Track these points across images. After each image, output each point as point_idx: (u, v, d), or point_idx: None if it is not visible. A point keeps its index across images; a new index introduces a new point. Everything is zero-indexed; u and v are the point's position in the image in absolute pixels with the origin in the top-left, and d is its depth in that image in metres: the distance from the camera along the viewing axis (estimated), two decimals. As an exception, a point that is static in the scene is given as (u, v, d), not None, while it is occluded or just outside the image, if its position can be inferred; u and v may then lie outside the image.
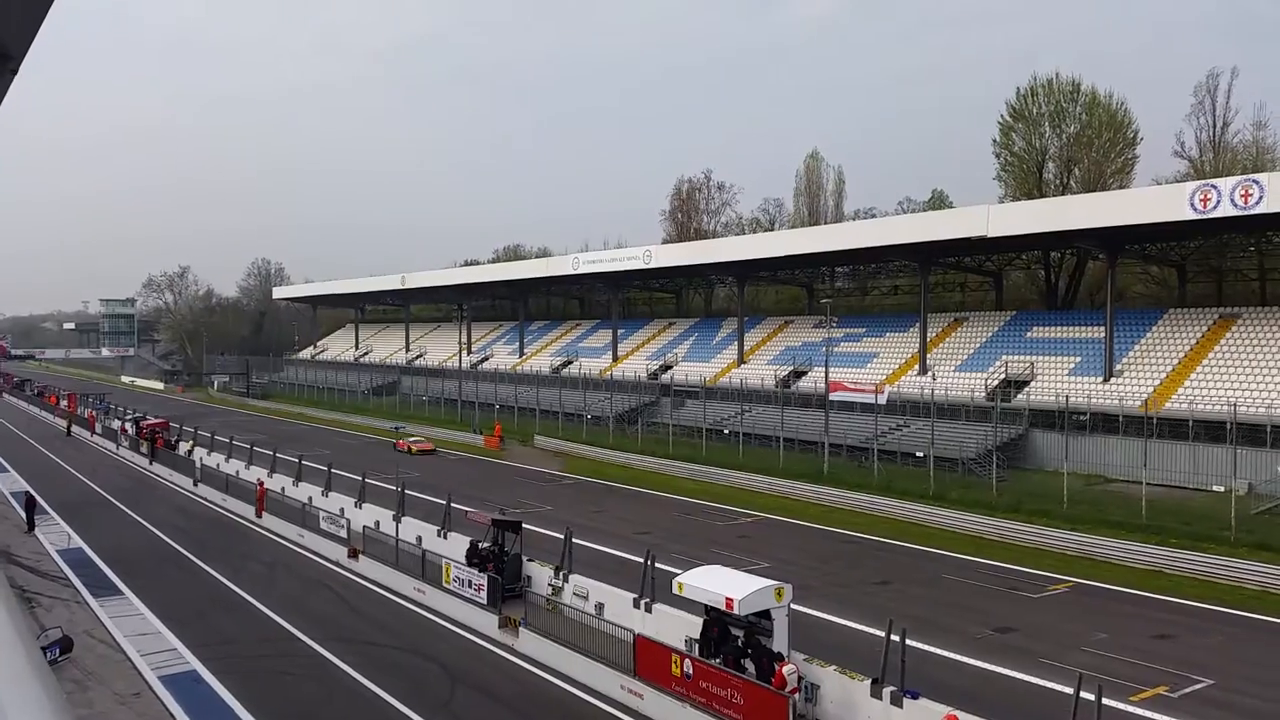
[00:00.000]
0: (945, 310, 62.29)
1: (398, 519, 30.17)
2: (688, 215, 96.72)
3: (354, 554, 29.46)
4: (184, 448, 52.92)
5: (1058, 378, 48.22)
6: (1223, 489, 35.66)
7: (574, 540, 24.20)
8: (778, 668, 16.51)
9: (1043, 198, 58.14)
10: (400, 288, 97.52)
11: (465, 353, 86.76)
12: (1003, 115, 66.47)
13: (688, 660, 17.60)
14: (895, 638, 15.65)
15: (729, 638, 18.09)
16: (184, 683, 19.55)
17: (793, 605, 17.76)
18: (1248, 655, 21.47)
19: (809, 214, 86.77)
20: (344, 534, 30.72)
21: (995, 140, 67.35)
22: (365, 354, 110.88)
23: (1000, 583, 27.68)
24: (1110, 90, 63.64)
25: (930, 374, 53.48)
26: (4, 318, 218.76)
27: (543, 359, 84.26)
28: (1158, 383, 44.43)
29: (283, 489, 38.40)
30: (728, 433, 54.80)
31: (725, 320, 74.63)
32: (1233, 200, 38.00)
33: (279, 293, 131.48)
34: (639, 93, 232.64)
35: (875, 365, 57.77)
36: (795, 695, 16.08)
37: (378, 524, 30.79)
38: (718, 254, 65.21)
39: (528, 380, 75.78)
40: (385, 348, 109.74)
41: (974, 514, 35.58)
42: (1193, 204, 39.24)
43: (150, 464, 51.54)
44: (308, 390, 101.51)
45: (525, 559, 25.14)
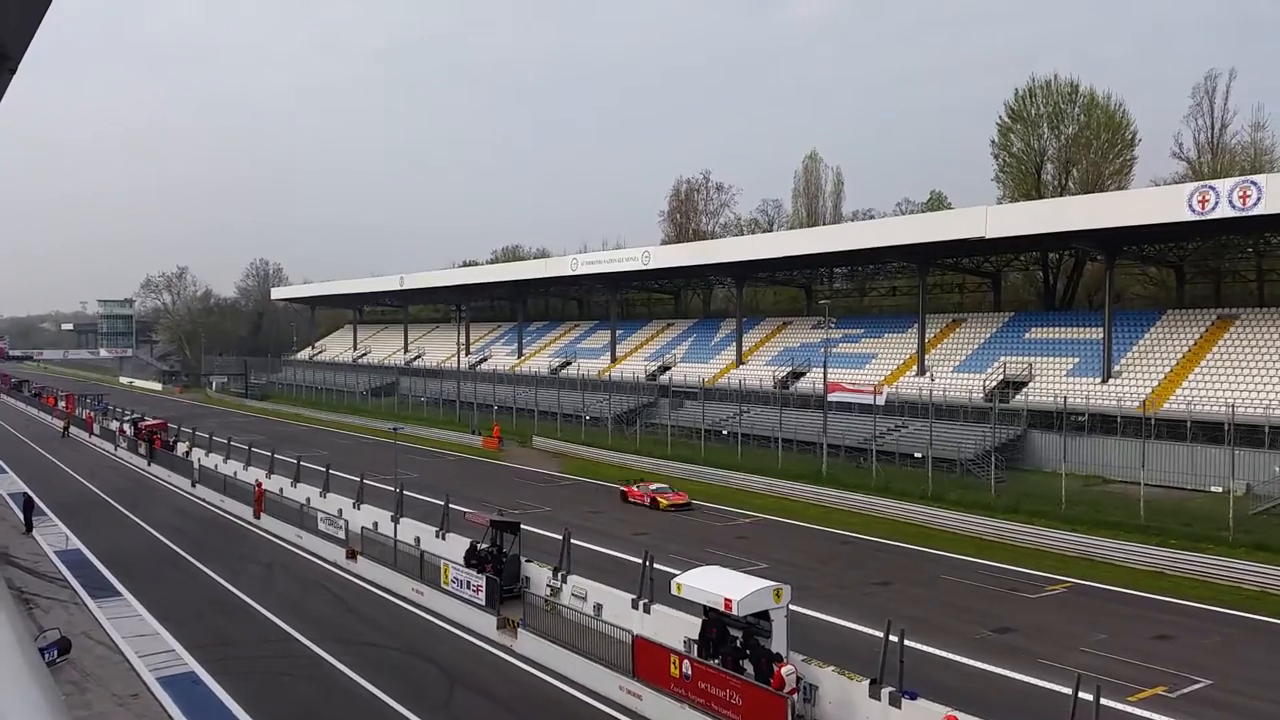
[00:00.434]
0: (943, 311, 62.28)
1: (396, 520, 30.15)
2: (686, 216, 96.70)
3: (352, 555, 29.44)
4: (182, 448, 52.88)
5: (1056, 378, 48.24)
6: (1221, 489, 35.68)
7: (572, 541, 24.20)
8: (776, 668, 16.50)
9: (1041, 199, 58.18)
10: (399, 288, 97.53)
11: (464, 353, 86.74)
12: (1001, 116, 66.56)
13: (686, 661, 17.59)
14: (894, 638, 15.64)
15: (727, 638, 18.08)
16: (182, 684, 19.54)
17: (791, 606, 17.74)
18: (1247, 656, 21.49)
19: (807, 215, 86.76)
20: (342, 535, 30.71)
21: (994, 141, 67.45)
22: (363, 355, 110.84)
23: (999, 583, 27.69)
24: (1109, 91, 63.79)
25: (929, 375, 53.49)
26: (2, 318, 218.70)
27: (541, 360, 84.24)
28: (1156, 383, 44.45)
29: (281, 490, 38.37)
30: (726, 433, 54.79)
31: (724, 321, 74.62)
32: (1231, 201, 38.03)
33: (277, 293, 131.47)
34: (638, 93, 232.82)
35: (873, 366, 57.78)
36: (794, 696, 16.08)
37: (376, 525, 30.77)
38: (716, 255, 65.22)
39: (526, 381, 75.76)
40: (384, 348, 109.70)
41: (972, 514, 35.60)
42: (1191, 205, 39.26)
43: (148, 465, 51.50)
44: (306, 391, 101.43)
45: (524, 560, 25.12)
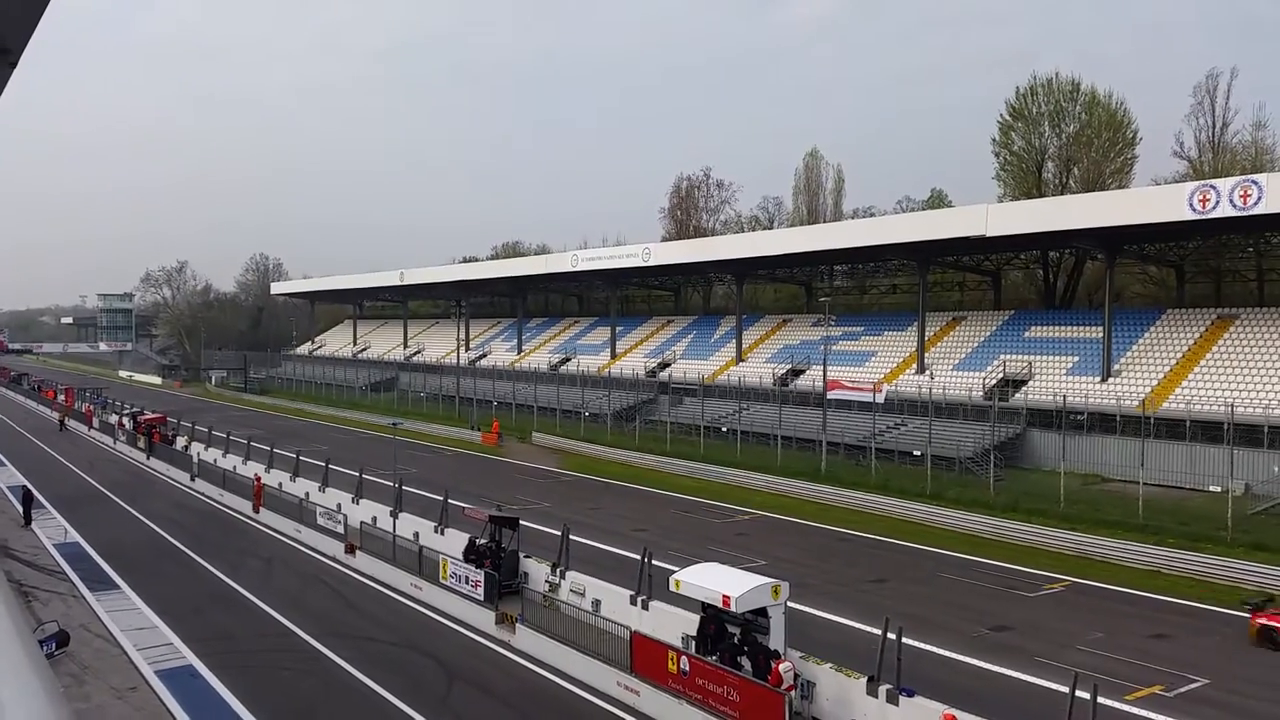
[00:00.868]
0: (943, 309, 62.31)
1: (395, 515, 30.16)
2: (687, 213, 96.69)
3: (351, 549, 29.47)
4: (181, 442, 52.88)
5: (1055, 377, 48.26)
6: (1219, 489, 35.68)
7: (571, 537, 24.23)
8: (774, 665, 16.53)
9: (1042, 197, 58.15)
10: (399, 284, 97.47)
11: (463, 349, 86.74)
12: (1002, 114, 66.56)
13: (684, 657, 17.61)
14: (891, 636, 15.66)
15: (726, 635, 18.10)
16: (181, 677, 19.57)
17: (789, 603, 17.78)
18: (1244, 656, 21.50)
19: (808, 212, 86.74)
20: (341, 529, 30.72)
21: (994, 139, 67.47)
22: (363, 350, 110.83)
23: (997, 581, 27.72)
24: (1110, 90, 63.79)
25: (928, 373, 53.51)
26: (1, 312, 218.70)
27: (541, 356, 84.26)
28: (1155, 383, 44.46)
29: (280, 484, 38.36)
30: (726, 430, 54.81)
31: (724, 318, 74.61)
32: (1232, 201, 38.01)
33: (277, 288, 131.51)
34: (638, 92, 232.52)
35: (873, 364, 57.80)
36: (791, 692, 16.11)
37: (375, 520, 30.78)
38: (716, 252, 65.21)
39: (526, 377, 75.75)
40: (383, 344, 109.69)
41: (971, 513, 35.62)
42: (1192, 204, 39.25)
43: (147, 459, 51.53)
44: (305, 386, 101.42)
45: (522, 555, 25.15)
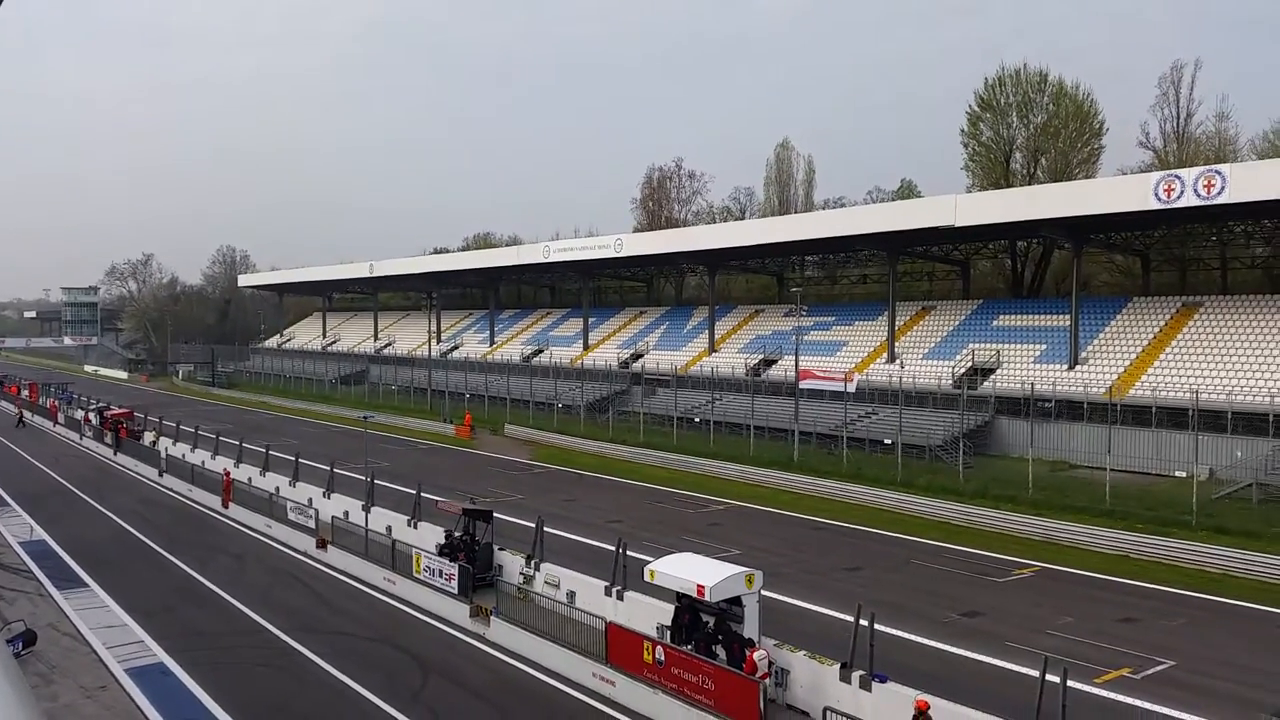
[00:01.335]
0: (913, 299, 62.81)
1: (367, 509, 29.99)
2: (659, 204, 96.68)
3: (322, 544, 29.27)
4: (149, 438, 52.26)
5: (1023, 365, 48.80)
6: (1185, 474, 36.32)
7: (545, 529, 24.19)
8: (748, 653, 16.64)
9: (1010, 187, 58.65)
10: (369, 275, 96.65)
11: (435, 341, 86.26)
12: (971, 105, 67.00)
13: (659, 647, 17.67)
14: (864, 623, 15.81)
15: (700, 624, 18.18)
16: (152, 675, 19.38)
17: (763, 591, 17.88)
18: (1210, 637, 21.91)
19: (779, 203, 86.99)
20: (312, 524, 30.52)
21: (963, 130, 67.88)
22: (333, 342, 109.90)
23: (967, 568, 28.03)
24: (1077, 81, 64.37)
25: (898, 362, 53.93)
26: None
27: (513, 347, 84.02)
28: (1122, 370, 45.09)
29: (249, 479, 38.04)
30: (699, 421, 54.94)
31: (696, 309, 74.77)
32: (1196, 190, 38.56)
33: (245, 280, 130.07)
34: (611, 82, 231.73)
35: (844, 353, 58.16)
36: (766, 680, 16.22)
37: (346, 514, 30.60)
38: (689, 243, 65.29)
39: (498, 369, 75.56)
40: (353, 336, 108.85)
41: (941, 500, 35.99)
42: (1157, 194, 39.78)
43: (114, 454, 50.86)
44: (274, 379, 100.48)
45: (497, 548, 25.10)
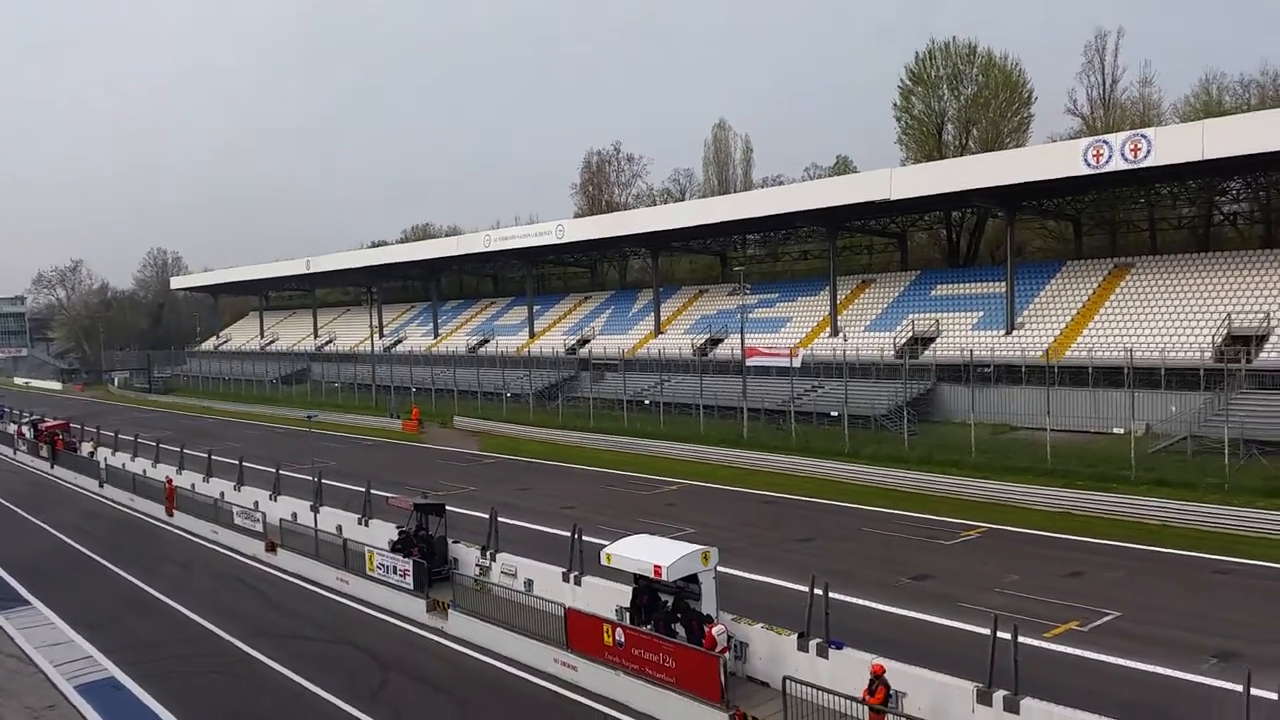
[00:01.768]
0: (853, 273, 63.52)
1: (316, 509, 29.58)
2: (599, 188, 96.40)
3: (272, 548, 28.82)
4: (86, 448, 50.93)
5: (962, 333, 49.69)
6: (1122, 431, 37.26)
7: (500, 519, 24.11)
8: (707, 629, 16.76)
9: (943, 159, 59.53)
10: (305, 272, 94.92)
11: (377, 336, 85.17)
12: (902, 79, 67.71)
13: (619, 629, 17.73)
14: (819, 592, 16.02)
15: (659, 604, 18.27)
16: (102, 690, 18.94)
17: (719, 568, 18.02)
18: (1152, 587, 22.61)
19: (719, 183, 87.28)
20: (260, 528, 30.00)
21: (895, 105, 68.60)
22: (271, 342, 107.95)
23: (916, 532, 28.54)
24: (1005, 52, 65.31)
25: (841, 335, 54.55)
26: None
27: (458, 338, 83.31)
28: (1057, 333, 46.14)
29: (193, 485, 37.26)
30: (648, 403, 55.06)
31: (641, 291, 74.79)
32: (1123, 155, 39.49)
33: (177, 283, 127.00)
34: (544, 67, 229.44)
35: (789, 329, 58.66)
36: (725, 654, 16.36)
37: (295, 516, 30.16)
38: (630, 226, 65.16)
39: (444, 361, 74.85)
40: (292, 335, 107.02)
41: (888, 468, 36.58)
42: (1086, 159, 40.66)
43: (51, 467, 49.47)
44: (213, 383, 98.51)
45: (451, 541, 24.93)
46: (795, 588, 21.01)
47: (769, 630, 17.19)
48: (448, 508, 25.73)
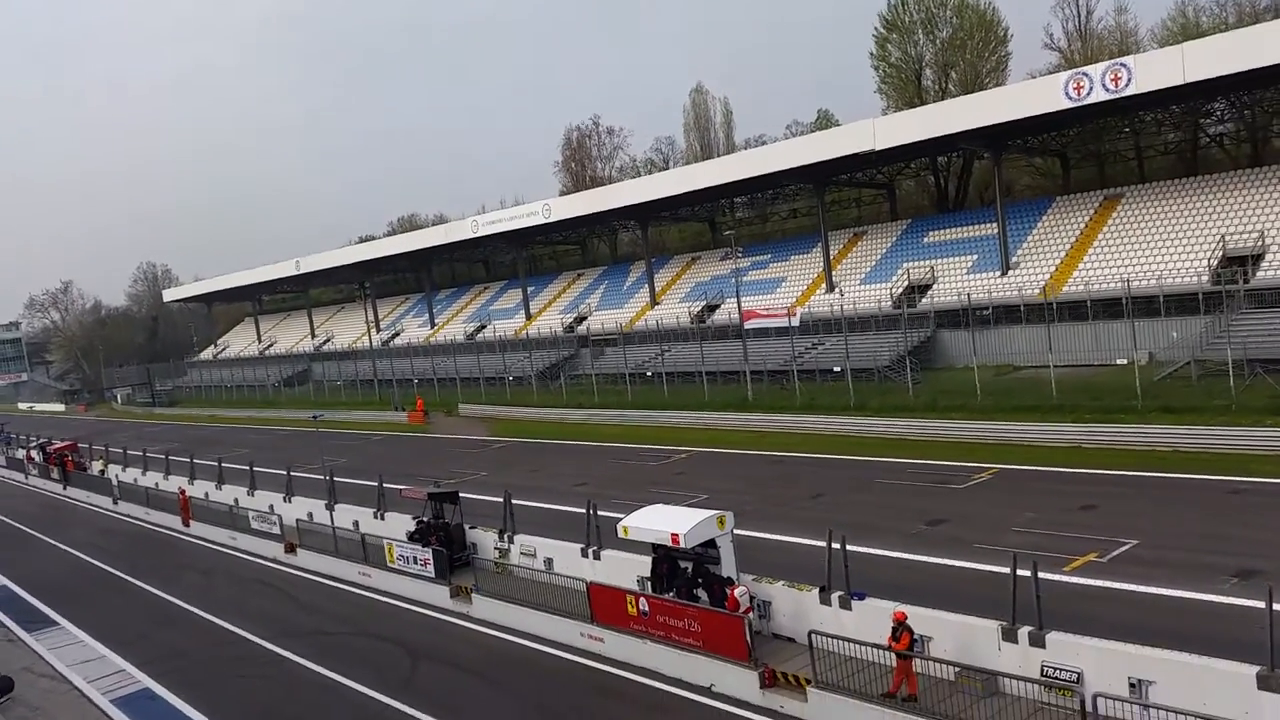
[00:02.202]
0: (844, 227, 63.37)
1: (330, 507, 29.66)
2: (581, 164, 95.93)
3: (290, 549, 29.00)
4: (96, 467, 51.05)
5: (958, 278, 49.65)
6: (1125, 361, 37.40)
7: (514, 501, 24.20)
8: (729, 592, 16.91)
9: (923, 105, 59.17)
10: (296, 273, 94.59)
11: (374, 331, 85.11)
12: (877, 27, 67.24)
13: (642, 599, 17.88)
14: (836, 546, 16.13)
15: (679, 571, 18.41)
16: (138, 702, 19.14)
17: (736, 531, 18.13)
18: (1167, 513, 22.74)
19: (701, 148, 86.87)
20: (277, 530, 30.15)
21: (872, 54, 68.14)
22: (269, 346, 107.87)
23: (928, 479, 28.66)
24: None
25: (837, 290, 54.51)
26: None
27: (455, 326, 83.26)
28: (1053, 269, 46.11)
29: (206, 494, 37.44)
30: (650, 375, 55.14)
31: (633, 264, 74.66)
32: (1104, 85, 39.29)
33: (170, 295, 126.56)
34: (513, 48, 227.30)
35: (784, 289, 58.61)
36: (750, 614, 16.52)
37: (311, 515, 30.31)
38: (617, 200, 64.89)
39: (443, 350, 74.91)
40: (290, 337, 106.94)
41: (895, 418, 36.69)
42: (1067, 93, 40.46)
43: (64, 489, 49.64)
44: (215, 391, 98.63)
45: (468, 527, 25.07)
46: (813, 544, 21.13)
47: (790, 587, 17.33)
48: (461, 495, 25.86)
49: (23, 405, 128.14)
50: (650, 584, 18.76)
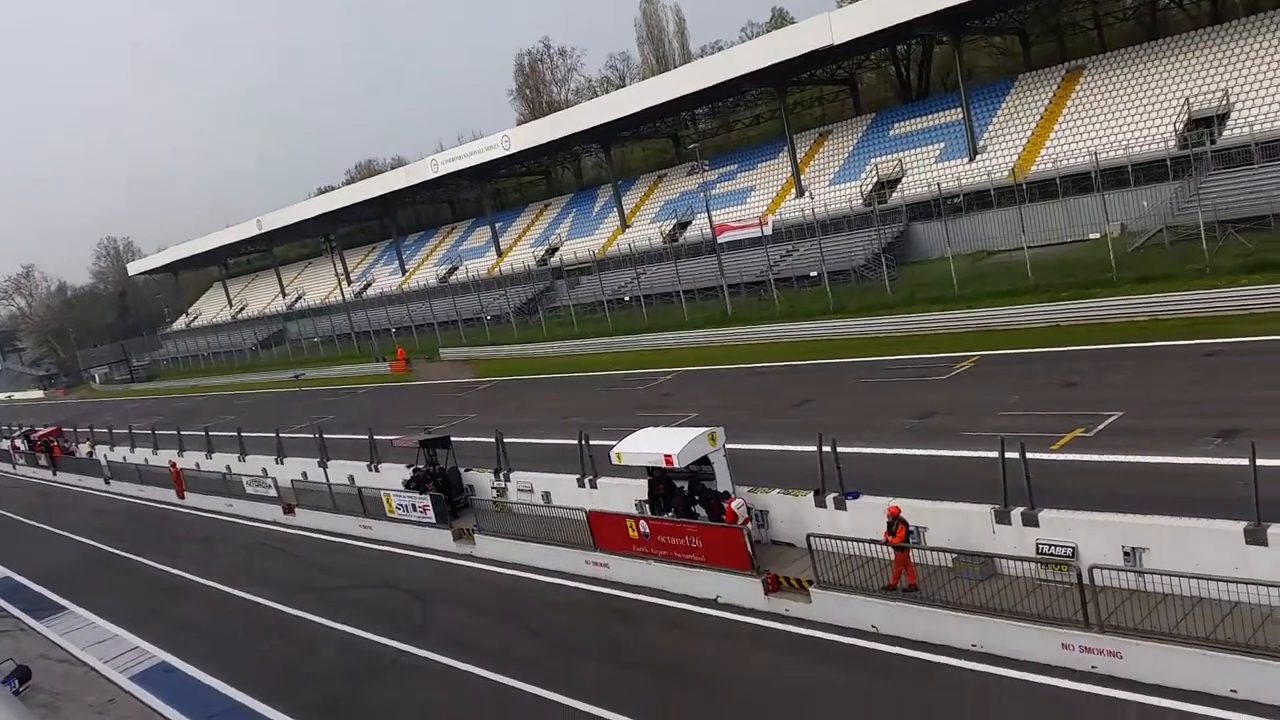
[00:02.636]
0: (809, 128, 62.55)
1: (324, 464, 29.70)
2: (536, 90, 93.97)
3: (289, 509, 29.09)
4: (84, 449, 50.80)
5: (927, 168, 49.31)
6: (1098, 235, 37.49)
7: (506, 439, 24.24)
8: (726, 505, 17.08)
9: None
10: (259, 233, 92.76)
11: (345, 284, 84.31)
12: (822, -83, 65.41)
13: (642, 521, 18.07)
14: (827, 448, 16.25)
15: (675, 491, 18.57)
16: (156, 676, 19.35)
17: (727, 445, 18.24)
18: (1149, 382, 23.02)
19: (656, 61, 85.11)
20: (274, 493, 30.20)
21: (820, -56, 66.47)
22: (241, 309, 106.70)
23: (911, 374, 28.86)
24: None
25: (808, 194, 54.12)
26: None
27: (427, 271, 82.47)
28: (1020, 149, 45.83)
29: (197, 465, 37.35)
30: (628, 299, 54.98)
31: (600, 189, 73.79)
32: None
33: (135, 268, 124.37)
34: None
35: (754, 198, 58.14)
36: (748, 525, 16.72)
37: (305, 475, 30.32)
38: (576, 124, 63.56)
39: (418, 296, 74.32)
40: (261, 298, 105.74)
41: (874, 317, 36.79)
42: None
43: (54, 475, 49.45)
44: (193, 361, 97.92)
45: (463, 469, 25.15)
46: (804, 449, 21.29)
47: (786, 494, 17.53)
48: (453, 438, 25.87)
49: (0, 396, 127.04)
50: (649, 506, 18.94)
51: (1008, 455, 14.02)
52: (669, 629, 16.39)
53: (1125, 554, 12.95)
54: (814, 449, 16.49)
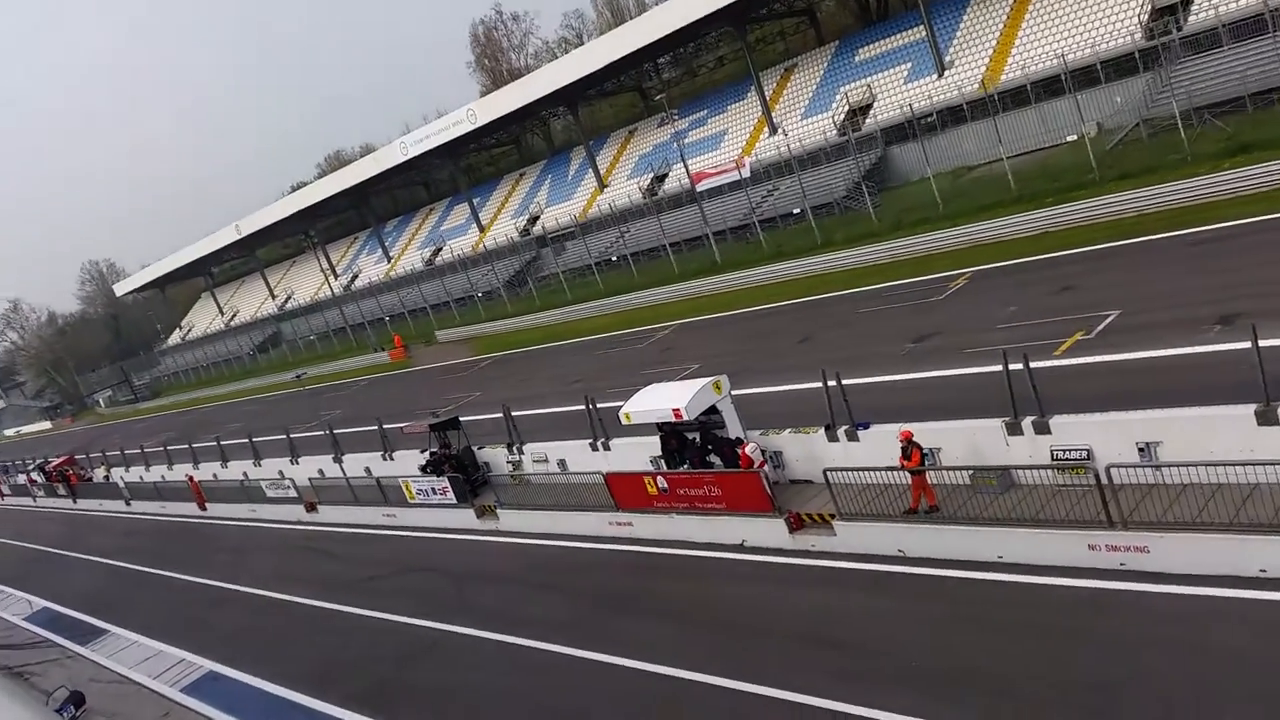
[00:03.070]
0: (774, 64, 61.89)
1: (339, 459, 29.95)
2: (495, 59, 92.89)
3: (311, 507, 29.38)
4: (100, 474, 51.06)
5: (897, 90, 48.95)
6: (1075, 137, 37.38)
7: (514, 413, 24.44)
8: (740, 451, 17.32)
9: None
10: (238, 238, 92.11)
11: (332, 278, 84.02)
12: None
13: (660, 477, 18.31)
14: (832, 383, 16.43)
15: (688, 443, 18.80)
16: (206, 685, 19.72)
17: (734, 392, 18.43)
18: (1143, 277, 23.18)
19: (612, 15, 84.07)
20: (294, 493, 30.48)
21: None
22: (233, 317, 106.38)
23: (907, 298, 29.00)
24: None
25: (781, 131, 53.80)
26: None
27: (411, 255, 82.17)
28: (988, 60, 45.46)
29: (214, 475, 37.61)
30: (616, 259, 54.90)
31: (572, 152, 73.21)
32: None
33: (121, 288, 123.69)
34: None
35: (728, 142, 57.79)
36: (764, 467, 16.97)
37: (321, 472, 30.59)
38: (540, 88, 62.85)
39: (406, 282, 74.15)
40: (251, 303, 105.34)
41: (863, 246, 36.88)
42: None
43: (74, 502, 49.74)
44: (193, 373, 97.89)
45: (476, 448, 25.39)
46: (810, 387, 21.49)
47: (798, 433, 17.76)
48: (461, 419, 26.09)
49: (8, 431, 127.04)
50: (664, 461, 19.17)
51: (1012, 367, 14.20)
52: (700, 579, 16.68)
53: (1140, 450, 13.18)
54: (820, 385, 16.67)
